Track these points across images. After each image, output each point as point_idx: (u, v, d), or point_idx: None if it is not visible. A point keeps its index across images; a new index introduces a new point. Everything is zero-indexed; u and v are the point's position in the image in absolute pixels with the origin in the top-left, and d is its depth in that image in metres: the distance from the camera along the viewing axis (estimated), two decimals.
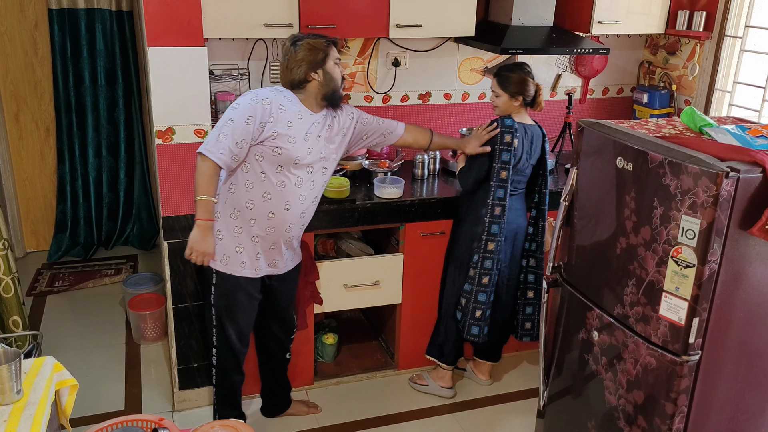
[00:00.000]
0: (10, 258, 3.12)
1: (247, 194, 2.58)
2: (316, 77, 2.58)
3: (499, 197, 2.96)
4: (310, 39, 2.58)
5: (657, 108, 3.80)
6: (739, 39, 3.46)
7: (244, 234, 2.62)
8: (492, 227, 2.98)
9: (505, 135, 2.92)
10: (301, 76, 2.57)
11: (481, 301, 3.04)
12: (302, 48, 2.55)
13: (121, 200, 4.81)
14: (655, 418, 2.18)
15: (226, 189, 2.60)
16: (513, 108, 2.99)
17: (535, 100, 3.02)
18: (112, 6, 4.39)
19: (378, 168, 3.29)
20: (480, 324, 3.07)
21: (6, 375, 1.94)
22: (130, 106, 4.64)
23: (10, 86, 4.47)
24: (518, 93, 2.95)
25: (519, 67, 2.99)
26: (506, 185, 2.94)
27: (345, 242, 3.37)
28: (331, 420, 3.15)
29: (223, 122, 2.49)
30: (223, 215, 2.61)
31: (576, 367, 2.51)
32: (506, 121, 2.94)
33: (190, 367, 3.14)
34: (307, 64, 2.56)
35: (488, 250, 3.00)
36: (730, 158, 2.00)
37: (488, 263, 3.01)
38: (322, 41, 2.58)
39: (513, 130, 2.92)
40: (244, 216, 2.60)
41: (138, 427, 2.15)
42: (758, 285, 2.07)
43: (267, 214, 2.60)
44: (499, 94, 2.98)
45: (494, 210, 2.96)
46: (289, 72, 2.59)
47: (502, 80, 2.97)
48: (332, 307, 3.24)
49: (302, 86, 2.60)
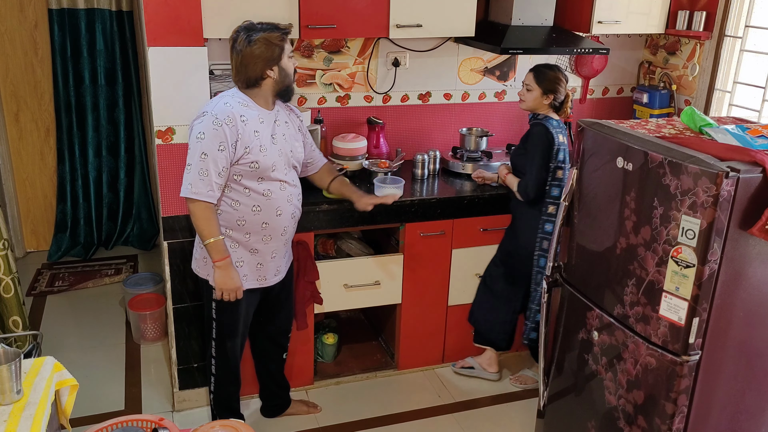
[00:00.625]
0: (10, 258, 3.12)
1: (236, 212, 2.52)
2: (271, 74, 2.46)
3: (554, 196, 3.00)
4: (266, 33, 2.43)
5: (657, 108, 3.80)
6: (739, 39, 3.46)
7: (242, 248, 2.58)
8: (545, 226, 3.03)
9: (558, 135, 2.97)
10: (257, 74, 2.45)
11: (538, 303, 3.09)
12: (258, 43, 2.41)
13: (121, 200, 4.81)
14: (655, 418, 2.18)
15: None
16: (541, 106, 3.02)
17: (563, 104, 3.06)
18: (112, 6, 4.39)
19: (378, 168, 3.29)
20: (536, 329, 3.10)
21: (6, 375, 1.94)
22: (130, 106, 4.64)
23: (10, 86, 4.47)
24: (551, 91, 2.99)
25: (557, 68, 3.05)
26: (562, 185, 2.98)
27: (345, 242, 3.37)
28: (331, 420, 3.15)
29: (197, 158, 2.39)
30: None
31: (576, 367, 2.51)
32: (553, 122, 2.99)
33: (190, 367, 3.14)
34: (263, 61, 2.43)
35: (543, 248, 3.04)
36: (730, 158, 2.00)
37: (543, 262, 3.06)
38: (277, 35, 2.44)
39: (562, 129, 2.98)
40: (238, 232, 2.56)
41: (138, 427, 2.15)
42: (758, 285, 2.07)
43: (261, 226, 2.56)
44: (532, 88, 3.01)
45: (548, 208, 3.01)
46: (244, 69, 2.45)
47: (539, 75, 3.00)
48: (332, 307, 3.24)
49: (257, 84, 2.48)
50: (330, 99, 3.47)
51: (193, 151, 2.42)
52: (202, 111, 2.46)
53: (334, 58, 3.41)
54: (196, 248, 2.68)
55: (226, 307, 2.65)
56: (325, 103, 3.47)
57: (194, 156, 2.42)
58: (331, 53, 3.40)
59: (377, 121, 3.46)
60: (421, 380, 3.46)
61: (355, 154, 3.33)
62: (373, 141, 3.46)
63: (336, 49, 3.40)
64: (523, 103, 3.07)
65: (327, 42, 3.37)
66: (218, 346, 2.74)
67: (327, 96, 3.46)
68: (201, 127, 2.42)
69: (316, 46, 3.36)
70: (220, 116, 2.41)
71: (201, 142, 2.40)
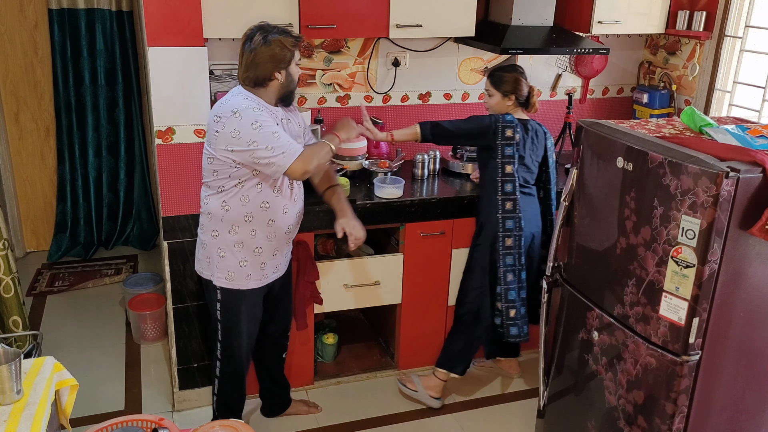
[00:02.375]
0: (10, 258, 3.12)
1: (244, 208, 2.52)
2: (279, 77, 2.48)
3: (507, 192, 2.97)
4: (281, 36, 2.45)
5: (657, 108, 3.80)
6: (739, 39, 3.46)
7: (246, 247, 2.58)
8: (506, 222, 2.99)
9: (505, 130, 2.94)
10: (266, 74, 2.47)
11: (511, 299, 3.05)
12: (273, 44, 2.43)
13: (121, 200, 4.81)
14: (655, 418, 2.18)
15: (219, 208, 2.53)
16: (506, 108, 3.02)
17: (528, 100, 3.04)
18: (112, 6, 4.39)
19: (378, 168, 3.29)
20: (517, 323, 3.08)
21: (6, 375, 1.94)
22: (130, 106, 4.64)
23: (10, 86, 4.47)
24: (511, 92, 2.98)
25: (513, 68, 3.04)
26: (513, 179, 2.96)
27: (345, 242, 3.36)
28: (331, 420, 3.15)
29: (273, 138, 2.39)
30: (221, 233, 2.56)
31: (576, 367, 2.51)
32: (507, 116, 2.97)
33: (190, 367, 3.14)
34: (275, 62, 2.45)
35: (507, 246, 3.01)
36: (730, 158, 2.00)
37: (509, 260, 3.02)
38: (291, 40, 2.47)
39: (513, 124, 2.95)
40: (244, 229, 2.56)
41: (138, 427, 2.15)
42: (758, 285, 2.07)
43: (267, 222, 2.58)
44: (492, 93, 3.02)
45: (505, 205, 2.98)
46: (254, 67, 2.46)
47: (496, 80, 3.01)
48: (332, 307, 3.24)
49: (264, 84, 2.50)
50: (330, 99, 3.47)
51: (264, 138, 2.39)
52: (232, 109, 2.41)
53: (334, 58, 3.41)
54: (199, 248, 2.68)
55: (230, 307, 2.65)
56: (325, 103, 3.47)
57: (269, 140, 2.40)
58: (331, 53, 3.40)
59: (377, 121, 3.46)
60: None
61: (355, 154, 3.34)
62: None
63: (336, 49, 3.40)
64: (489, 110, 3.08)
65: (327, 42, 3.37)
66: (224, 348, 2.73)
67: (327, 96, 3.46)
68: (247, 119, 2.40)
69: (316, 46, 3.36)
70: (252, 104, 2.45)
71: (261, 128, 2.40)
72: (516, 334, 3.08)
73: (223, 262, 2.59)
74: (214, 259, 2.60)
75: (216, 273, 2.61)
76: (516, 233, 3.00)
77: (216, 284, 2.62)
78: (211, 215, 2.56)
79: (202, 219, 2.63)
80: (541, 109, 3.88)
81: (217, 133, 2.43)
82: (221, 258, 2.59)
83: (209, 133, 2.50)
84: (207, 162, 2.52)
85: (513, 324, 3.07)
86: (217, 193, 2.53)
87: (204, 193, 2.59)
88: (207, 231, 2.60)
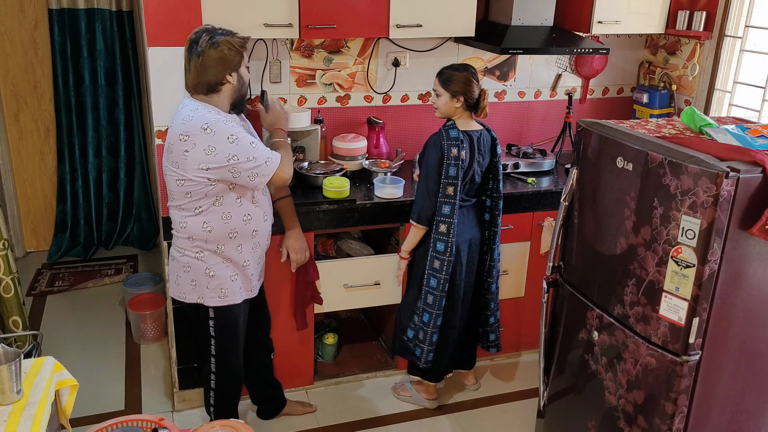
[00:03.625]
0: (10, 258, 3.12)
1: (228, 225, 2.45)
2: (230, 80, 2.39)
3: (445, 214, 2.85)
4: (229, 37, 2.36)
5: (657, 108, 3.80)
6: (739, 39, 3.46)
7: (234, 263, 2.54)
8: (437, 244, 2.89)
9: (451, 148, 2.80)
10: (217, 79, 2.37)
11: (423, 322, 2.97)
12: (221, 46, 2.34)
13: (121, 200, 4.81)
14: (655, 418, 2.18)
15: (201, 230, 2.44)
16: (454, 110, 2.86)
17: (478, 104, 2.87)
18: (112, 6, 4.39)
19: (378, 168, 3.29)
20: (422, 347, 3.00)
21: (6, 375, 1.94)
22: (130, 106, 4.64)
23: (10, 86, 4.47)
24: (460, 93, 2.81)
25: (464, 67, 2.86)
26: (453, 201, 2.83)
27: (345, 242, 3.37)
28: (330, 420, 3.15)
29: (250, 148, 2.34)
30: (206, 254, 2.49)
31: (576, 367, 2.51)
32: (451, 132, 2.82)
33: (190, 367, 3.14)
34: (224, 64, 2.35)
35: (434, 267, 2.92)
36: (730, 158, 2.00)
37: (433, 282, 2.92)
38: (238, 40, 2.39)
39: (459, 142, 2.80)
40: (230, 246, 2.50)
41: (138, 427, 2.15)
42: (758, 285, 2.07)
43: (251, 234, 2.53)
44: (440, 93, 2.85)
45: (439, 227, 2.87)
46: (204, 72, 2.35)
47: (445, 78, 2.83)
48: (332, 307, 3.24)
49: (216, 90, 2.39)
50: (330, 99, 3.47)
51: (243, 150, 2.33)
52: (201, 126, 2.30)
53: (334, 58, 3.41)
54: (178, 273, 2.56)
55: (225, 324, 2.62)
56: (325, 103, 3.47)
57: (249, 151, 2.34)
58: (331, 53, 3.40)
59: (377, 121, 3.46)
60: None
61: (355, 154, 3.34)
62: (373, 141, 3.46)
63: (336, 49, 3.40)
64: (436, 111, 2.91)
65: (327, 42, 3.37)
66: (219, 362, 2.70)
67: (327, 96, 3.46)
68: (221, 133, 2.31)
69: (316, 46, 3.36)
70: (220, 117, 2.36)
71: (238, 140, 2.33)
72: (418, 356, 3.02)
73: (213, 282, 2.52)
74: (202, 281, 2.52)
75: (207, 294, 2.54)
76: (444, 257, 2.88)
77: (208, 305, 2.56)
78: (193, 238, 2.47)
79: (179, 243, 2.51)
80: (541, 109, 3.90)
81: (187, 153, 2.31)
82: (211, 278, 2.52)
83: (175, 155, 2.35)
84: (175, 185, 2.39)
85: (418, 346, 3.02)
86: (195, 215, 2.43)
87: (178, 216, 2.46)
88: (189, 253, 2.50)
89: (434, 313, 2.95)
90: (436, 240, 2.89)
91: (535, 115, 3.89)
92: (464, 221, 2.95)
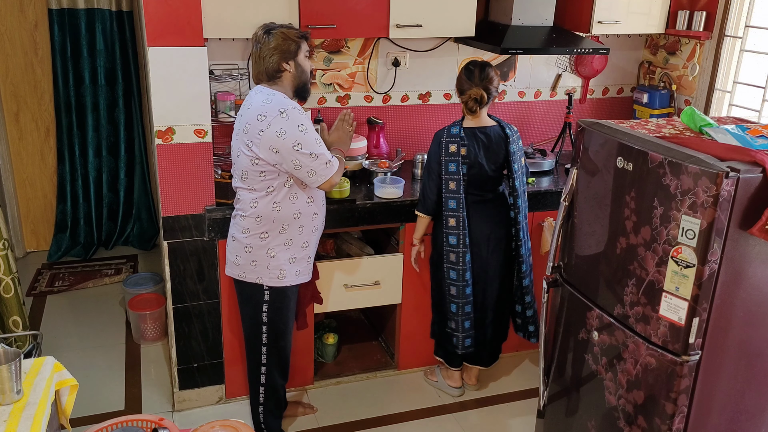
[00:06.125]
0: (10, 258, 3.12)
1: (293, 206, 2.57)
2: (288, 68, 2.52)
3: (451, 208, 2.92)
4: (284, 29, 2.53)
5: (657, 108, 3.80)
6: (739, 39, 3.46)
7: (295, 244, 2.63)
8: (449, 238, 2.96)
9: (449, 145, 2.88)
10: (274, 66, 2.50)
11: (452, 311, 3.05)
12: (275, 37, 2.49)
13: (121, 200, 4.81)
14: (655, 418, 2.18)
15: (270, 209, 2.55)
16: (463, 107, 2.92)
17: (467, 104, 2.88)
18: (112, 6, 4.39)
19: (378, 168, 3.29)
20: (457, 335, 3.07)
21: (6, 375, 1.94)
22: (130, 106, 4.64)
23: (10, 86, 4.47)
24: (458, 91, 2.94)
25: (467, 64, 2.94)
26: (458, 195, 2.90)
27: (345, 242, 3.37)
28: (331, 420, 3.15)
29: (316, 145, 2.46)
30: (271, 234, 2.58)
31: (576, 367, 2.51)
32: (452, 129, 2.90)
33: (190, 367, 3.14)
34: (280, 53, 2.49)
35: (450, 261, 2.99)
36: (730, 158, 2.00)
37: (453, 274, 3.00)
38: (294, 32, 2.54)
39: (458, 138, 2.87)
40: (293, 227, 2.60)
41: (138, 427, 2.15)
42: (758, 285, 2.07)
43: (312, 216, 2.64)
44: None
45: (448, 221, 2.94)
46: (261, 61, 2.51)
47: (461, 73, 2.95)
48: (332, 307, 3.24)
49: (277, 77, 2.53)
50: (330, 99, 3.47)
51: (308, 143, 2.44)
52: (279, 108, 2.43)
53: (334, 58, 3.41)
54: (239, 253, 2.65)
55: (280, 306, 2.68)
56: (325, 103, 3.47)
57: (312, 146, 2.45)
58: (331, 53, 3.40)
59: (377, 121, 3.46)
60: (421, 380, 3.46)
61: (355, 154, 3.34)
62: (373, 141, 3.46)
63: (336, 49, 3.40)
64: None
65: (327, 42, 3.37)
66: (270, 350, 2.74)
67: (327, 96, 3.46)
68: (294, 120, 2.43)
69: (316, 46, 3.36)
70: (296, 105, 2.49)
71: (306, 132, 2.44)
72: (455, 344, 3.09)
73: (274, 262, 2.61)
74: (263, 261, 2.61)
75: (266, 274, 2.62)
76: (459, 250, 2.95)
77: (266, 285, 2.63)
78: (261, 218, 2.56)
79: (245, 223, 2.59)
80: (541, 109, 3.90)
81: (262, 132, 2.43)
82: (272, 258, 2.60)
83: (251, 134, 2.46)
84: (250, 164, 2.50)
85: (453, 335, 3.08)
86: (267, 194, 2.54)
87: (249, 197, 2.56)
88: (254, 234, 2.59)
89: (460, 302, 3.02)
90: (448, 234, 2.96)
91: (535, 115, 3.89)
92: (481, 216, 3.00)
